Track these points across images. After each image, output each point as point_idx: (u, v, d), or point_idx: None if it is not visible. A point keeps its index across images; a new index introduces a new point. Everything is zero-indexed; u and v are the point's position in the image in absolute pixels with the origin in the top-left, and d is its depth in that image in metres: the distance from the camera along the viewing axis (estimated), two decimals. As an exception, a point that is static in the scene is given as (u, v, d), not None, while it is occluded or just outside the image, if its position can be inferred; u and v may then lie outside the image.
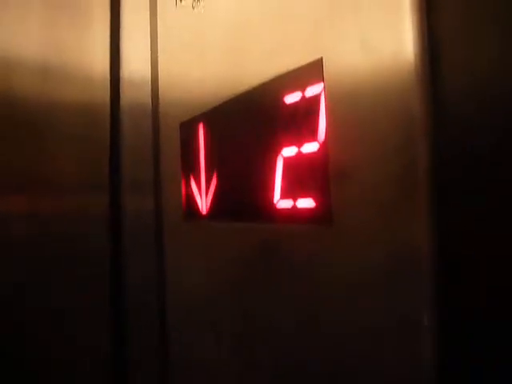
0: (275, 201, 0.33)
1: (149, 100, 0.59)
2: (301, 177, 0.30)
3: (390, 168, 0.24)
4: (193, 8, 0.45)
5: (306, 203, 0.30)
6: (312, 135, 0.29)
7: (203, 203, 0.42)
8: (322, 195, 0.28)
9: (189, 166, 0.46)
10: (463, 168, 0.22)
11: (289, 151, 0.31)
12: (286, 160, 0.32)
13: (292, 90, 0.31)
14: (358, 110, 0.26)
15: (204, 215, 0.42)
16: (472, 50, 0.22)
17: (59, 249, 0.54)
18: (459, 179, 0.22)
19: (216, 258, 0.41)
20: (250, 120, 0.35)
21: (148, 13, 0.58)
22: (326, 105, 0.28)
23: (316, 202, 0.29)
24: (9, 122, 0.53)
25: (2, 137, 0.52)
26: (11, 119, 0.53)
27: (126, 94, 0.61)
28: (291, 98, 0.31)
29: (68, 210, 0.56)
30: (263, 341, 0.35)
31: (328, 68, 0.28)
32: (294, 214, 0.31)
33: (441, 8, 0.23)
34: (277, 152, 0.32)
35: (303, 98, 0.30)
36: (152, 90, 0.58)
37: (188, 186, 0.46)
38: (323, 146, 0.28)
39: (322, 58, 0.28)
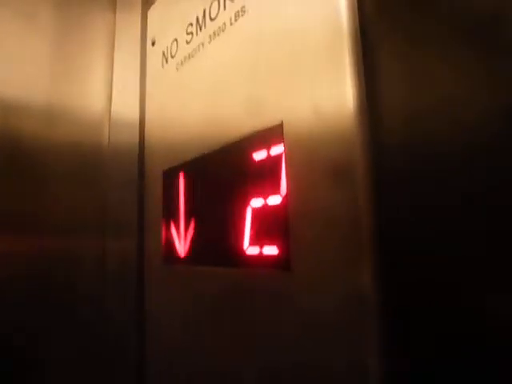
0: (245, 247, 0.36)
1: (136, 146, 0.63)
2: (266, 226, 0.34)
3: (338, 222, 0.27)
4: (176, 70, 0.49)
5: (271, 250, 0.33)
6: (276, 189, 0.33)
7: (181, 248, 0.45)
8: (283, 243, 0.31)
9: (169, 212, 0.49)
10: (410, 219, 0.25)
11: (257, 202, 0.35)
12: (254, 210, 0.35)
13: (259, 148, 0.35)
14: (311, 167, 0.29)
15: (182, 259, 0.45)
16: (410, 107, 0.26)
17: (48, 289, 0.56)
18: (403, 232, 0.25)
19: (191, 301, 0.43)
20: (224, 173, 0.39)
21: (138, 69, 0.64)
22: (286, 163, 0.32)
23: (279, 249, 0.32)
24: (12, 164, 0.56)
25: (4, 178, 0.55)
26: (15, 162, 0.56)
27: (115, 139, 0.65)
28: (258, 156, 0.35)
29: (59, 251, 0.58)
30: None
31: (287, 130, 0.32)
32: (260, 260, 0.34)
33: (378, 69, 0.27)
34: (246, 203, 0.36)
35: (268, 155, 0.34)
36: (139, 137, 0.63)
37: (168, 230, 0.48)
38: (285, 199, 0.32)
39: (282, 123, 0.32)
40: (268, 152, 0.34)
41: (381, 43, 0.28)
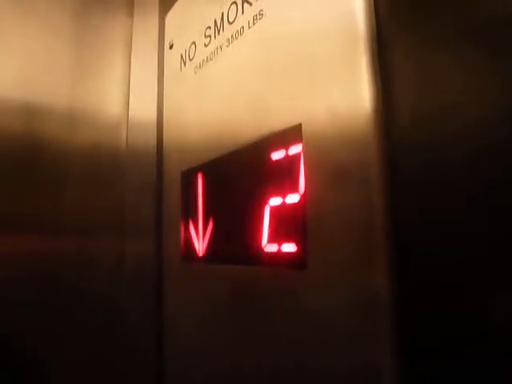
0: (263, 245, 0.36)
1: (154, 149, 0.64)
2: (285, 224, 0.34)
3: (353, 221, 0.28)
4: (194, 73, 0.51)
5: (289, 248, 0.33)
6: (294, 187, 0.33)
7: (200, 246, 0.46)
8: (301, 241, 0.32)
9: (188, 212, 0.50)
10: (418, 221, 0.25)
11: (275, 201, 0.35)
12: (273, 209, 0.36)
13: (277, 148, 0.35)
14: (328, 167, 0.30)
15: (200, 257, 0.46)
16: (421, 109, 0.26)
17: (65, 289, 0.57)
18: (416, 233, 0.26)
19: (209, 299, 0.44)
20: (243, 172, 0.40)
21: (156, 72, 0.65)
22: (304, 162, 0.32)
23: (297, 246, 0.32)
24: (33, 166, 0.57)
25: (24, 181, 0.57)
26: (36, 164, 0.58)
27: (133, 141, 0.67)
28: (277, 155, 0.36)
29: (77, 252, 0.60)
30: None
31: (305, 131, 0.32)
32: (278, 257, 0.34)
33: (392, 71, 0.28)
34: (265, 201, 0.36)
35: (286, 155, 0.34)
36: (157, 139, 0.64)
37: (187, 230, 0.49)
38: (303, 197, 0.32)
39: (301, 124, 0.33)
40: (286, 152, 0.34)
41: (394, 45, 0.28)
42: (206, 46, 0.48)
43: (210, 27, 0.48)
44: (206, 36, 0.49)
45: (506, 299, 0.21)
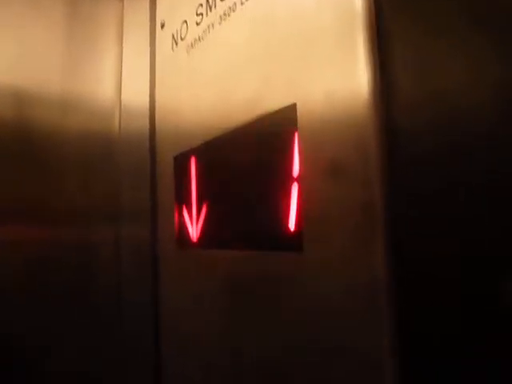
0: (257, 229, 0.36)
1: (147, 133, 0.63)
2: (279, 207, 0.33)
3: (351, 204, 0.27)
4: (186, 52, 0.49)
5: (283, 231, 0.33)
6: (288, 169, 0.32)
7: (194, 231, 0.45)
8: (295, 224, 0.31)
9: (181, 197, 0.49)
10: (417, 208, 0.25)
11: (269, 183, 0.34)
12: (267, 191, 0.35)
13: (271, 129, 0.34)
14: (324, 148, 0.29)
15: (194, 242, 0.45)
16: (420, 95, 0.25)
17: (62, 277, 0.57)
18: (413, 218, 0.25)
19: (205, 285, 0.43)
20: (235, 155, 0.39)
21: (148, 55, 0.63)
22: (298, 143, 0.31)
23: (291, 230, 0.32)
24: (27, 153, 0.56)
25: (17, 168, 0.55)
26: (29, 151, 0.56)
27: (126, 126, 0.66)
28: (271, 137, 0.34)
29: (72, 239, 0.59)
30: (250, 373, 0.37)
31: (300, 111, 0.31)
32: (272, 241, 0.34)
33: (391, 53, 0.27)
34: (259, 184, 0.35)
35: (281, 136, 0.33)
36: (150, 124, 0.62)
37: (180, 215, 0.49)
38: (297, 179, 0.31)
39: (295, 104, 0.31)
40: (281, 133, 0.33)
41: (393, 26, 0.27)
42: (197, 24, 0.47)
43: (201, 5, 0.46)
44: (197, 14, 0.47)
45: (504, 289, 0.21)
